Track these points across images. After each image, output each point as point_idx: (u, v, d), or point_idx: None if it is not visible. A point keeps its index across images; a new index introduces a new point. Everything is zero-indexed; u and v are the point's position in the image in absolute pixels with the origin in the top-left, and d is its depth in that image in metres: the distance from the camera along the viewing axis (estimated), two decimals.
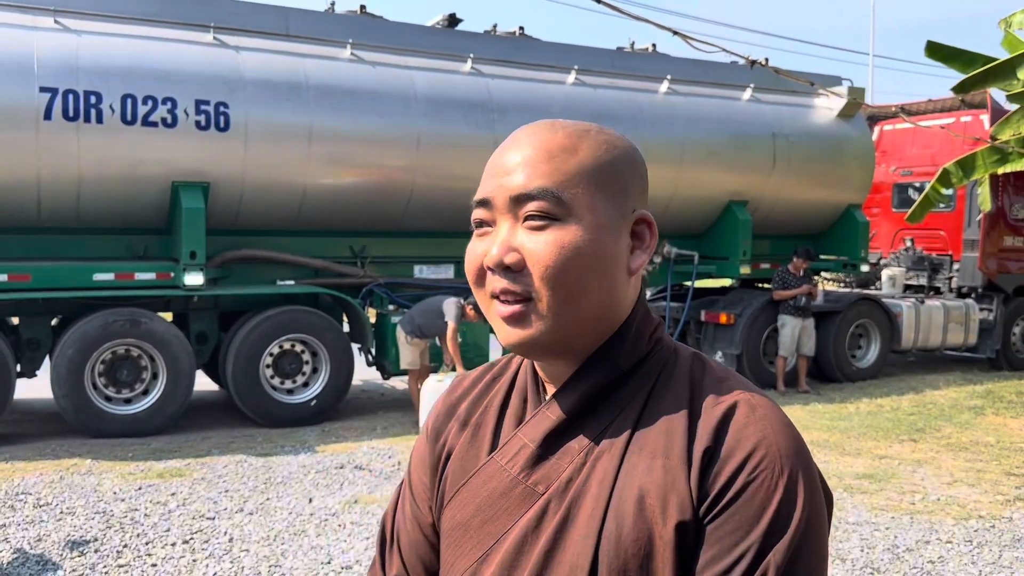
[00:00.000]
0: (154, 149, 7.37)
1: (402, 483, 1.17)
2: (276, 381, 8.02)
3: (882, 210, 13.39)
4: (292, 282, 8.34)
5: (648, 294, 10.39)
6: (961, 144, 12.78)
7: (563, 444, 0.95)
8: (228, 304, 8.27)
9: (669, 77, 9.80)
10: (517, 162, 0.94)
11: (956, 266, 12.67)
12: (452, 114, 8.45)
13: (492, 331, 7.12)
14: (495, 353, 8.98)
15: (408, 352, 8.00)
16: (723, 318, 10.31)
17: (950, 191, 10.83)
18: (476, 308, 7.87)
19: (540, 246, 0.91)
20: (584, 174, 0.93)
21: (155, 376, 7.56)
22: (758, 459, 0.87)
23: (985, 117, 12.36)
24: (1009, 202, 12.34)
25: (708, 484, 0.88)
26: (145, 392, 7.56)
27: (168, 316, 8.23)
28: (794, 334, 10.17)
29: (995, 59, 9.95)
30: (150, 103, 7.28)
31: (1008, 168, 10.22)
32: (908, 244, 13.18)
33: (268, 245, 8.32)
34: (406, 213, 8.61)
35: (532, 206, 0.92)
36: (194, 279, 7.48)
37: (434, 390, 7.46)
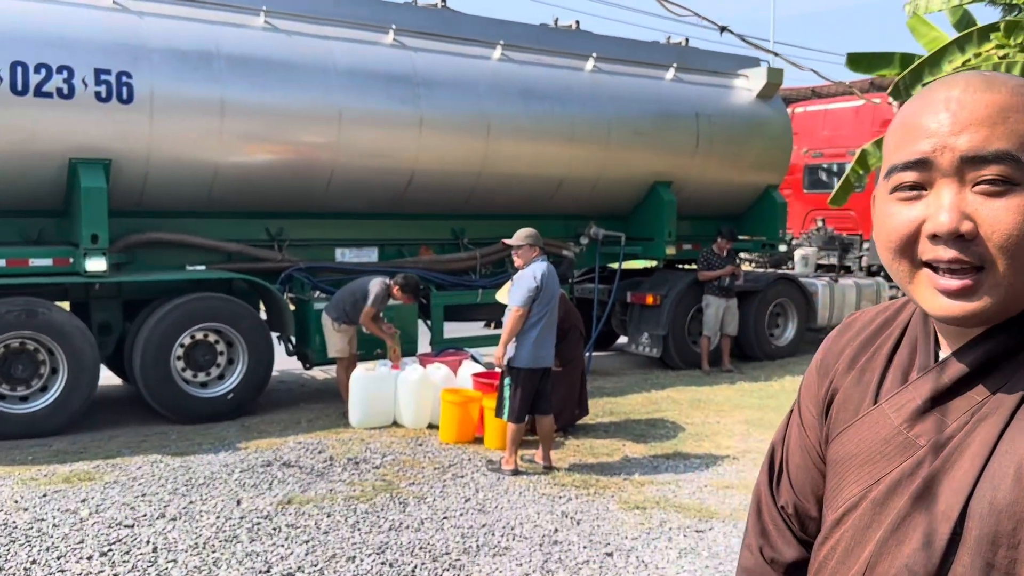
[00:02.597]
0: (48, 123, 6.71)
1: (790, 412, 1.23)
2: (188, 374, 7.47)
3: (793, 191, 13.61)
4: (203, 267, 7.78)
5: (575, 274, 10.29)
6: (870, 126, 13.11)
7: (949, 401, 0.96)
8: (133, 292, 7.66)
9: (595, 55, 9.61)
10: (965, 121, 0.90)
11: (866, 245, 13.00)
12: (375, 88, 8.02)
13: (421, 316, 6.75)
14: (423, 339, 8.64)
15: (336, 339, 7.58)
16: (649, 299, 10.24)
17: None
18: (404, 288, 7.52)
19: (1000, 213, 0.88)
20: None
21: (54, 371, 6.92)
22: None
23: (895, 100, 12.68)
24: None
25: None
26: (44, 389, 6.90)
27: (67, 305, 7.56)
28: (718, 314, 10.19)
29: (914, 55, 10.15)
30: (43, 72, 6.61)
31: None
32: (819, 224, 13.46)
33: (177, 227, 7.74)
34: (327, 193, 8.16)
35: (990, 170, 0.88)
36: (95, 265, 6.88)
37: (364, 380, 7.08)
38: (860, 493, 1.00)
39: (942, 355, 1.00)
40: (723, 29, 7.61)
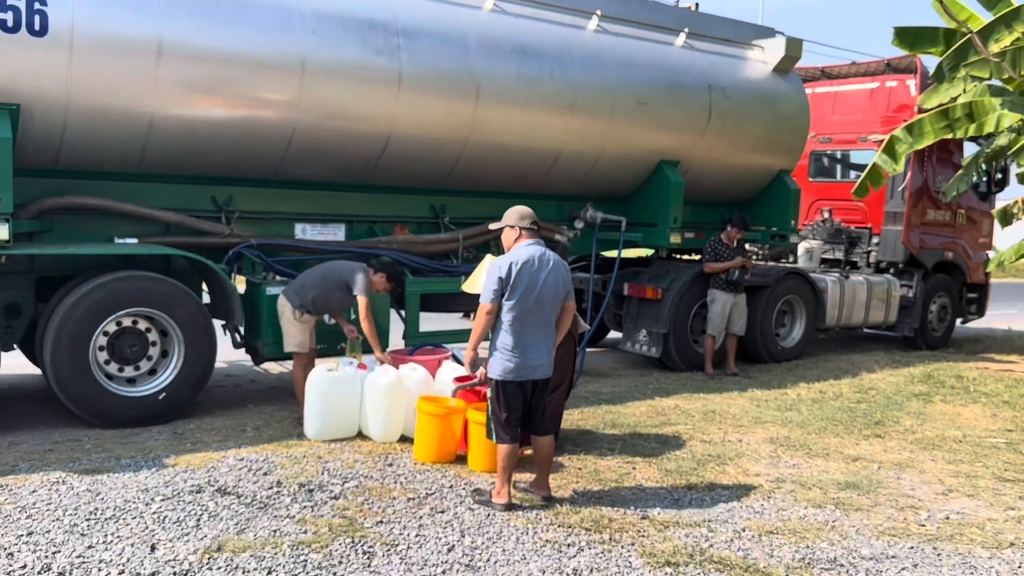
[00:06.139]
0: None
1: None
2: (112, 368, 6.23)
3: (798, 179, 12.56)
4: (135, 240, 6.52)
5: (568, 262, 9.12)
6: (885, 111, 12.08)
7: None
8: (48, 267, 6.39)
9: (599, 12, 8.43)
10: None
11: (875, 239, 12.00)
12: (347, 35, 6.78)
13: (393, 305, 5.53)
14: (396, 330, 7.44)
15: (296, 331, 6.36)
16: (649, 292, 9.13)
17: (900, 163, 9.88)
18: (390, 276, 6.39)
19: None
20: None
21: None
22: None
23: (912, 82, 11.65)
24: (933, 174, 11.72)
25: None
26: None
27: None
28: (724, 311, 9.13)
29: (958, 32, 9.09)
30: None
31: (958, 135, 9.41)
32: (825, 215, 12.42)
33: (103, 192, 6.48)
34: (286, 158, 6.92)
35: None
36: None
37: (324, 383, 5.88)
38: None
39: None
40: None
